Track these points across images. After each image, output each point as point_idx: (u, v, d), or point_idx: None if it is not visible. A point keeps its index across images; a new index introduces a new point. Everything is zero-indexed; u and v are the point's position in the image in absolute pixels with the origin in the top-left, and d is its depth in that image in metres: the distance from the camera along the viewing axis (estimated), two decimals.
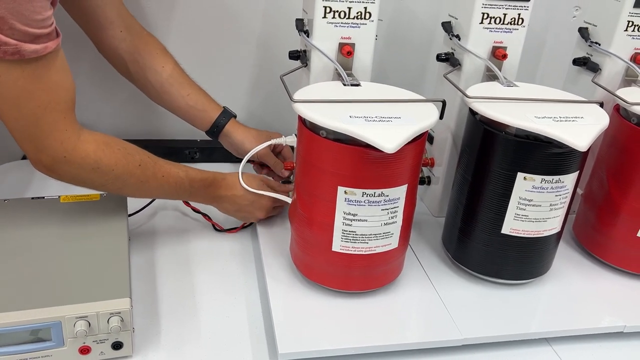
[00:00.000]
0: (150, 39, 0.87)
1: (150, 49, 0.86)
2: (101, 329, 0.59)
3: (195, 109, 0.88)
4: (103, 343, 0.60)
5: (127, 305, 0.60)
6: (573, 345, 0.70)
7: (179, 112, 0.89)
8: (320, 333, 0.66)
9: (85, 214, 0.73)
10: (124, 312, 0.59)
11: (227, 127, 0.90)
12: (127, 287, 0.62)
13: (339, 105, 0.66)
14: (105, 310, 0.59)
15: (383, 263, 0.70)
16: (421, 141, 0.65)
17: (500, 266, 0.74)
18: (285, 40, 0.89)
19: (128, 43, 0.84)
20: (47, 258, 0.65)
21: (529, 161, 0.67)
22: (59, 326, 0.58)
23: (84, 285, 0.61)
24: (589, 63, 0.86)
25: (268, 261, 0.77)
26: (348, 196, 0.64)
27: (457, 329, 0.68)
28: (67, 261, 0.65)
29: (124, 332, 0.60)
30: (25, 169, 0.99)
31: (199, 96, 0.89)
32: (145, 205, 0.88)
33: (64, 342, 0.59)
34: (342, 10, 0.74)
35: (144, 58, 0.85)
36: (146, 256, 0.80)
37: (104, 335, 0.60)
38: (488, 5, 0.77)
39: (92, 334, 0.59)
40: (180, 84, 0.87)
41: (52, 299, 0.59)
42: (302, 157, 0.68)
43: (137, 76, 0.87)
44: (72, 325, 0.58)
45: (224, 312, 0.71)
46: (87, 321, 0.58)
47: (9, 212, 0.73)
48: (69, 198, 0.76)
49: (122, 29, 0.83)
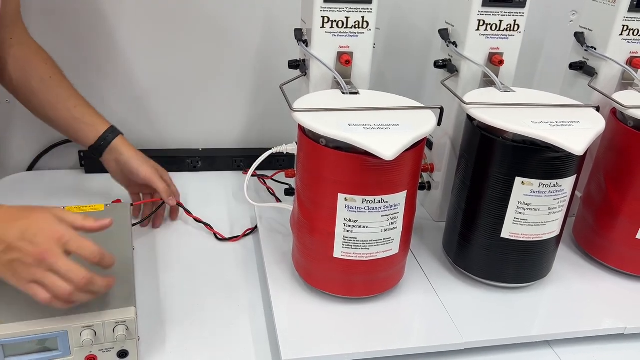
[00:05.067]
0: (39, 49, 0.84)
1: (38, 59, 0.83)
2: (107, 338, 0.60)
3: (81, 121, 0.83)
4: (109, 352, 0.61)
5: (132, 314, 0.60)
6: (574, 347, 0.70)
7: (63, 123, 0.84)
8: (323, 339, 0.66)
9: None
10: (130, 321, 0.60)
11: (115, 143, 0.85)
12: (133, 296, 0.63)
13: (338, 113, 0.67)
14: (111, 319, 0.59)
15: (384, 269, 0.70)
16: (420, 148, 0.66)
17: (501, 270, 0.75)
18: (284, 50, 0.90)
19: (16, 50, 0.81)
20: None
21: (527, 166, 0.68)
22: (65, 336, 0.58)
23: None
24: (585, 67, 0.87)
25: (271, 268, 0.77)
26: (348, 203, 0.65)
27: (458, 333, 0.68)
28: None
29: (130, 341, 0.61)
30: (31, 181, 1.01)
31: (86, 109, 0.84)
32: (149, 215, 0.89)
33: (70, 352, 0.60)
34: (340, 19, 0.75)
35: (31, 67, 0.82)
36: (150, 265, 0.80)
37: (110, 344, 0.60)
38: (484, 12, 0.78)
39: (98, 343, 0.60)
40: (68, 95, 0.83)
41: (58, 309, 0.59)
42: (302, 165, 0.69)
43: (20, 84, 0.82)
44: (79, 334, 0.59)
45: (228, 320, 0.71)
46: (93, 330, 0.59)
47: None
48: (73, 209, 0.76)
49: (12, 36, 0.81)
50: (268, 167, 1.03)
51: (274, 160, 1.04)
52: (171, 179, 0.91)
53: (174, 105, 1.06)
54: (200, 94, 1.05)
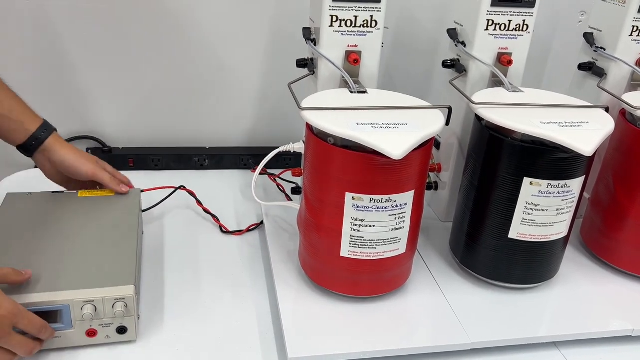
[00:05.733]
0: None
1: None
2: (107, 314, 0.62)
3: (8, 118, 0.74)
4: (108, 327, 0.63)
5: (131, 292, 0.62)
6: (581, 349, 0.70)
7: None
8: (329, 338, 0.66)
9: (100, 208, 0.77)
10: (128, 298, 0.62)
11: (49, 142, 0.76)
12: (133, 276, 0.65)
13: (346, 112, 0.67)
14: (111, 295, 0.62)
15: (391, 268, 0.70)
16: (427, 147, 0.66)
17: (508, 271, 0.75)
18: (292, 49, 0.90)
19: None
20: (61, 246, 0.69)
21: (535, 166, 0.68)
22: (67, 309, 0.61)
23: (93, 272, 0.65)
24: (595, 68, 0.86)
25: (277, 266, 0.78)
26: (356, 202, 0.65)
27: (465, 333, 0.68)
28: (79, 249, 0.69)
29: (128, 318, 0.63)
30: (40, 177, 1.01)
31: (14, 104, 0.75)
32: (160, 201, 0.91)
33: (72, 325, 0.62)
34: (348, 18, 0.75)
35: None
36: (157, 251, 0.83)
37: (109, 320, 0.63)
38: (493, 12, 0.78)
39: (98, 318, 0.62)
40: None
41: (63, 283, 0.62)
42: (310, 163, 0.69)
43: None
44: (80, 308, 0.61)
45: (233, 317, 0.72)
46: (93, 305, 0.62)
47: (30, 204, 0.78)
48: (85, 193, 0.79)
49: None
50: (275, 166, 1.04)
51: (281, 159, 1.04)
52: (112, 167, 0.85)
53: (182, 104, 1.06)
54: (209, 92, 1.06)
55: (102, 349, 0.64)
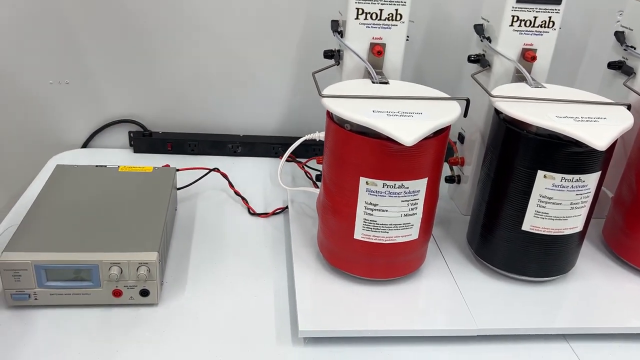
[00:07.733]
0: None
1: None
2: (131, 276, 0.68)
3: None
4: (132, 289, 0.69)
5: (154, 258, 0.68)
6: (591, 343, 0.70)
7: None
8: (340, 316, 0.69)
9: (137, 182, 0.84)
10: (151, 264, 0.68)
11: None
12: (158, 243, 0.70)
13: (364, 100, 0.70)
14: (135, 259, 0.68)
15: (403, 253, 0.73)
16: (442, 137, 0.68)
17: (522, 263, 0.76)
18: (323, 41, 0.93)
19: None
20: (98, 212, 0.76)
21: (549, 159, 0.68)
22: (96, 269, 0.67)
23: (123, 238, 0.71)
24: (624, 67, 0.86)
25: (297, 249, 0.81)
26: (369, 187, 0.67)
27: (473, 319, 0.70)
28: (113, 217, 0.75)
29: (150, 282, 0.69)
30: (84, 157, 1.08)
31: None
32: (194, 181, 0.97)
33: (100, 284, 0.68)
34: (374, 11, 0.78)
35: None
36: (187, 226, 0.88)
37: (133, 282, 0.68)
38: (518, 9, 0.79)
39: (123, 280, 0.68)
40: None
41: (95, 246, 0.69)
42: (328, 149, 0.72)
43: None
44: (108, 269, 0.67)
45: (252, 292, 0.76)
46: (119, 267, 0.67)
47: (76, 175, 0.85)
48: (126, 168, 0.87)
49: None
50: (304, 155, 1.08)
51: (310, 148, 1.08)
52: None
53: (219, 94, 1.11)
54: (244, 83, 1.10)
55: (126, 309, 0.70)
